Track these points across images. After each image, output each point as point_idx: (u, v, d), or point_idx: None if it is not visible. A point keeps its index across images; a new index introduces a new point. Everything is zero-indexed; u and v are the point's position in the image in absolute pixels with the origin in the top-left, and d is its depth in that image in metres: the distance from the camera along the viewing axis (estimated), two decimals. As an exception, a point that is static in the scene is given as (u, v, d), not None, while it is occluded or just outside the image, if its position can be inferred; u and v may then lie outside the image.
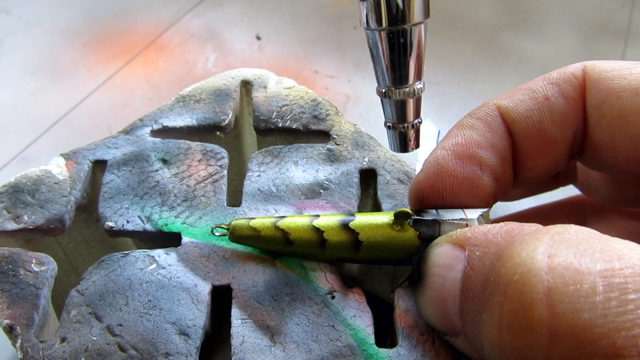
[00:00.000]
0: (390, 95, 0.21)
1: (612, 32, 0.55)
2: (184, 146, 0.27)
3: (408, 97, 0.21)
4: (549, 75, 0.22)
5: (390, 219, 0.21)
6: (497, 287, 0.15)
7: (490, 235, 0.17)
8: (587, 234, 0.16)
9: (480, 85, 0.50)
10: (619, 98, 0.20)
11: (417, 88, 0.21)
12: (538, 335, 0.14)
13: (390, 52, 0.20)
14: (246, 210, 0.25)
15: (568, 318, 0.14)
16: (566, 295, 0.14)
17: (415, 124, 0.22)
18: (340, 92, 0.49)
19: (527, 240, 0.16)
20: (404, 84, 0.21)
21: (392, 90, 0.21)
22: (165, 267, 0.23)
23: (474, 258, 0.17)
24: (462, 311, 0.17)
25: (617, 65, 0.21)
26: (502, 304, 0.15)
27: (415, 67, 0.20)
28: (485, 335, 0.16)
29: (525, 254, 0.15)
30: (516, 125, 0.22)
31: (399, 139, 0.22)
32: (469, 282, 0.17)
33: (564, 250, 0.15)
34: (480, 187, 0.22)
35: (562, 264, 0.14)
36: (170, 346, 0.21)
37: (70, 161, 0.27)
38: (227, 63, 0.52)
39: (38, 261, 0.23)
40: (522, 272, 0.15)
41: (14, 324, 0.21)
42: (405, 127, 0.22)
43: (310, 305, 0.22)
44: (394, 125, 0.22)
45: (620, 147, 0.21)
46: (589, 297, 0.14)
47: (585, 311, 0.14)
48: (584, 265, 0.14)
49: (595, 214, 0.29)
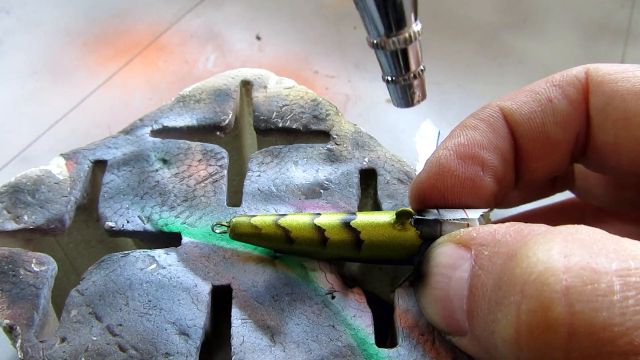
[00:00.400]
0: (384, 45, 0.18)
1: (612, 32, 0.55)
2: (184, 146, 0.27)
3: (406, 45, 0.18)
4: (551, 78, 0.22)
5: (392, 218, 0.21)
6: (512, 286, 0.16)
7: (499, 235, 0.18)
8: (599, 234, 0.16)
9: (480, 85, 0.50)
10: (622, 100, 0.21)
11: (415, 31, 0.17)
12: (557, 334, 0.14)
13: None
14: (246, 210, 0.25)
15: (587, 317, 0.14)
16: (584, 294, 0.14)
17: (419, 73, 0.19)
18: (340, 92, 0.49)
19: (541, 240, 0.16)
20: (400, 30, 0.17)
21: (385, 40, 0.17)
22: (165, 267, 0.23)
23: (482, 258, 0.17)
24: (471, 311, 0.18)
25: (621, 68, 0.21)
26: (519, 303, 0.15)
27: (410, 5, 0.17)
28: (501, 335, 0.16)
29: (541, 253, 0.15)
30: (519, 126, 0.22)
31: (402, 92, 0.19)
32: (478, 282, 0.17)
33: (578, 250, 0.15)
34: (482, 188, 0.22)
35: (578, 264, 0.15)
36: (170, 346, 0.21)
37: (70, 161, 0.27)
38: (227, 63, 0.52)
39: (38, 261, 0.23)
40: (539, 271, 0.15)
41: (14, 324, 0.21)
42: (407, 79, 0.19)
43: (310, 305, 0.22)
44: (393, 79, 0.19)
45: (623, 149, 0.21)
46: (607, 296, 0.14)
47: (604, 310, 0.14)
48: (600, 265, 0.15)
49: (593, 218, 0.29)
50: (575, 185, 0.28)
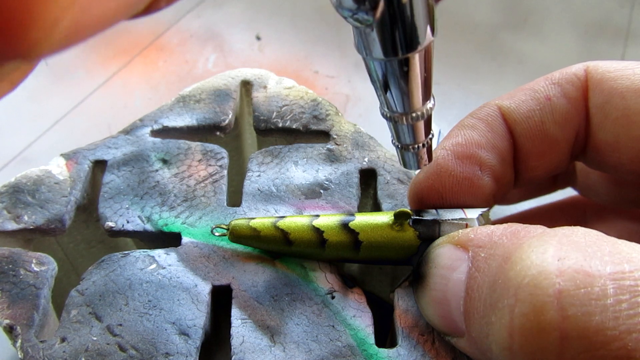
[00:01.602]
0: (397, 120, 0.18)
1: (612, 32, 0.55)
2: (184, 146, 0.27)
3: (418, 121, 0.18)
4: (550, 76, 0.22)
5: (390, 219, 0.21)
6: (506, 289, 0.16)
7: (495, 237, 0.17)
8: (595, 237, 0.16)
9: (480, 85, 0.50)
10: (622, 98, 0.20)
11: (428, 108, 0.18)
12: (549, 338, 0.14)
13: (396, 80, 0.17)
14: (246, 210, 0.25)
15: (580, 321, 0.14)
16: (577, 298, 0.14)
17: (427, 142, 0.19)
18: (340, 92, 0.49)
19: (536, 242, 0.16)
20: (413, 110, 0.18)
21: (399, 117, 0.18)
22: (165, 267, 0.23)
23: (479, 259, 0.17)
24: (467, 312, 0.17)
25: (620, 66, 0.21)
26: (512, 306, 0.15)
27: (424, 89, 0.17)
28: (495, 338, 0.16)
29: (535, 256, 0.15)
30: (518, 125, 0.22)
31: (409, 158, 0.20)
32: (475, 284, 0.17)
33: (573, 253, 0.15)
34: (480, 187, 0.22)
35: (572, 267, 0.15)
36: (170, 346, 0.21)
37: (70, 161, 0.27)
38: (227, 63, 0.52)
39: (38, 261, 0.23)
40: (532, 274, 0.15)
41: (14, 324, 0.21)
42: (417, 148, 0.19)
43: (310, 305, 0.22)
44: (403, 146, 0.20)
45: (624, 147, 0.21)
46: (600, 300, 0.14)
47: (597, 314, 0.14)
48: (594, 268, 0.14)
49: (595, 215, 0.29)
50: (577, 182, 0.28)
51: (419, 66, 0.16)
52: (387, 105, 0.18)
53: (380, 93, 0.18)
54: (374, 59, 0.16)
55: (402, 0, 0.14)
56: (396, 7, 0.14)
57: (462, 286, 0.18)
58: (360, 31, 0.16)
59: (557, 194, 0.30)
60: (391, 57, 0.16)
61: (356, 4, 0.14)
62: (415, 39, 0.15)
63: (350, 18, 0.15)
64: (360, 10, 0.14)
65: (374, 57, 0.16)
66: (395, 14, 0.15)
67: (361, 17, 0.14)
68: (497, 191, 0.22)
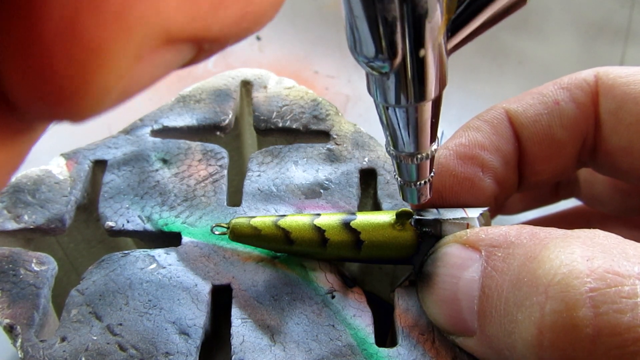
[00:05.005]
0: (401, 159, 0.18)
1: (612, 32, 0.55)
2: (184, 146, 0.27)
3: (423, 161, 0.18)
4: (560, 80, 0.22)
5: (392, 218, 0.21)
6: (534, 287, 0.16)
7: (512, 237, 0.18)
8: (617, 239, 0.16)
9: (480, 85, 0.50)
10: (636, 103, 0.21)
11: (433, 150, 0.18)
12: (582, 334, 0.15)
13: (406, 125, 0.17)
14: (246, 210, 0.25)
15: (612, 318, 0.14)
16: (609, 296, 0.15)
17: (429, 179, 0.20)
18: (340, 92, 0.49)
19: (561, 243, 0.16)
20: (419, 152, 0.18)
21: (404, 157, 0.18)
22: (165, 266, 0.23)
23: (495, 259, 0.18)
24: (483, 311, 0.18)
25: (631, 71, 0.21)
26: (543, 303, 0.15)
27: (432, 133, 0.17)
28: (522, 335, 0.16)
29: (564, 256, 0.16)
30: (524, 129, 0.22)
31: (410, 193, 0.20)
32: (492, 282, 0.17)
33: (600, 253, 0.16)
34: (481, 189, 0.22)
35: (602, 267, 0.15)
36: (170, 346, 0.21)
37: (70, 161, 0.27)
38: (227, 63, 0.52)
39: (38, 261, 0.23)
40: (563, 273, 0.15)
41: (14, 324, 0.21)
42: (419, 185, 0.19)
43: (310, 304, 0.22)
44: (405, 182, 0.20)
45: (637, 152, 0.21)
46: (631, 299, 0.14)
47: (628, 312, 0.14)
48: (623, 268, 0.15)
49: (599, 224, 0.29)
50: (581, 191, 0.28)
51: (429, 113, 0.16)
52: (393, 144, 0.18)
53: (388, 133, 0.18)
54: (386, 104, 0.16)
55: (420, 54, 0.14)
56: (414, 59, 0.14)
57: (476, 285, 0.18)
58: (376, 78, 0.15)
59: (560, 205, 0.30)
60: (404, 105, 0.16)
61: (374, 53, 0.14)
62: (429, 90, 0.15)
63: (365, 65, 0.14)
64: (377, 59, 0.14)
65: (387, 103, 0.16)
66: (412, 66, 0.14)
67: (377, 66, 0.14)
68: (499, 193, 0.22)
